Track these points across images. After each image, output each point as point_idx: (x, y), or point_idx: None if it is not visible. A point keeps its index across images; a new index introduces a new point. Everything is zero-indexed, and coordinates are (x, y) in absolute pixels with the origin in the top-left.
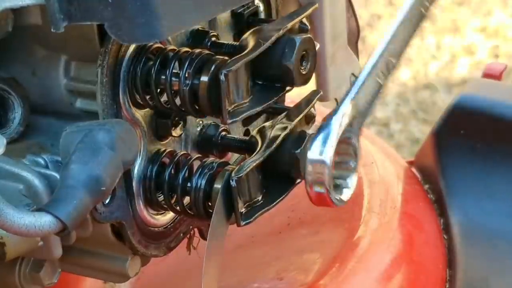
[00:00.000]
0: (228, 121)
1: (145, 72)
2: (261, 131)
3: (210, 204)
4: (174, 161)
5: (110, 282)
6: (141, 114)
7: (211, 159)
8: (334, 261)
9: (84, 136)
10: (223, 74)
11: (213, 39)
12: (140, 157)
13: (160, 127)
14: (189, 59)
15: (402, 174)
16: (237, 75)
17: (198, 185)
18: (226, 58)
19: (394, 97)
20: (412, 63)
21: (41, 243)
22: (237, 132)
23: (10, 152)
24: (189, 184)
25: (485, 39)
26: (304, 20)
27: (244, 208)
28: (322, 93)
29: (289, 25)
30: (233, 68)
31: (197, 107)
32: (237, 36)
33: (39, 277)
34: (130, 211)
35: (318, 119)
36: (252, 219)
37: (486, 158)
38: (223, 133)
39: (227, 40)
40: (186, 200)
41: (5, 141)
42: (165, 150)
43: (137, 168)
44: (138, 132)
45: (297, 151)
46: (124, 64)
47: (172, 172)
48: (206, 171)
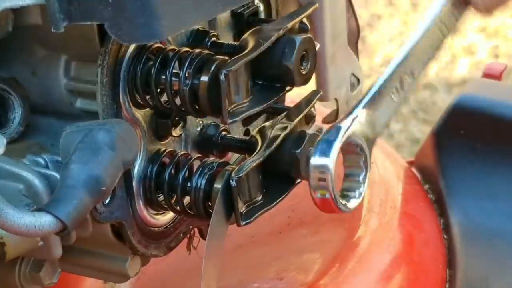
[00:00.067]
0: (228, 121)
1: (145, 72)
2: (261, 131)
3: (210, 204)
4: (174, 161)
5: (110, 282)
6: (141, 114)
7: (211, 159)
8: (334, 261)
9: (84, 136)
10: (223, 74)
11: (213, 39)
12: (140, 157)
13: (160, 127)
14: (189, 59)
15: (402, 174)
16: (237, 75)
17: (198, 185)
18: (226, 58)
19: None
20: None
21: (41, 243)
22: (237, 132)
23: (10, 152)
24: (189, 184)
25: (485, 39)
26: (304, 20)
27: (244, 208)
28: (322, 93)
29: (289, 25)
30: (233, 68)
31: (197, 107)
32: (237, 36)
33: (39, 277)
34: (130, 211)
35: (318, 119)
36: (252, 219)
37: (486, 158)
38: (223, 133)
39: (227, 40)
40: (186, 200)
41: (5, 141)
42: (165, 150)
43: (137, 168)
44: (138, 132)
45: (297, 151)
46: (124, 64)
47: (172, 172)
48: (206, 171)
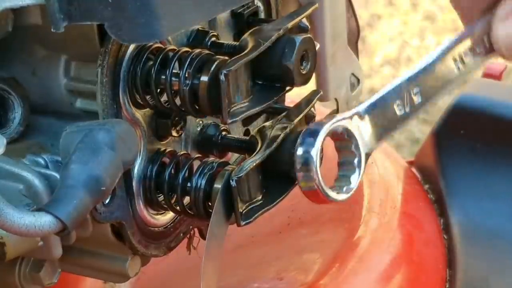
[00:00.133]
0: (228, 121)
1: (145, 72)
2: (261, 131)
3: (210, 204)
4: (174, 161)
5: (110, 282)
6: (141, 114)
7: (211, 159)
8: (334, 261)
9: (84, 136)
10: (223, 74)
11: (213, 39)
12: (140, 157)
13: (160, 127)
14: (189, 59)
15: (402, 174)
16: (237, 75)
17: (198, 185)
18: (226, 58)
19: None
20: (412, 63)
21: (41, 243)
22: (237, 132)
23: (10, 152)
24: (189, 184)
25: None
26: (304, 20)
27: (244, 208)
28: (322, 93)
29: (289, 25)
30: (233, 68)
31: (197, 107)
32: (237, 36)
33: (39, 277)
34: (130, 211)
35: (318, 119)
36: (252, 219)
37: (486, 158)
38: (223, 133)
39: (227, 40)
40: (186, 200)
41: (5, 141)
42: (165, 150)
43: (137, 168)
44: (138, 132)
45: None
46: (124, 64)
47: (172, 172)
48: (206, 171)
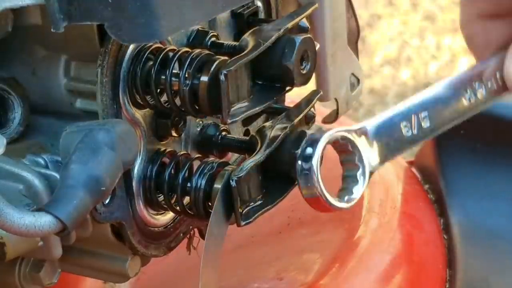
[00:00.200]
0: (228, 121)
1: (145, 72)
2: (261, 131)
3: (210, 204)
4: (174, 161)
5: (110, 282)
6: (141, 114)
7: (211, 159)
8: (334, 261)
9: (84, 136)
10: (223, 74)
11: (213, 39)
12: (140, 157)
13: (160, 127)
14: (189, 59)
15: (402, 174)
16: (237, 75)
17: (198, 185)
18: (226, 58)
19: (394, 97)
20: (412, 63)
21: (41, 243)
22: (237, 132)
23: (10, 152)
24: (189, 184)
25: None
26: (304, 20)
27: (244, 208)
28: (322, 93)
29: (289, 25)
30: (233, 68)
31: (197, 107)
32: (237, 36)
33: (39, 277)
34: (130, 211)
35: (318, 119)
36: (252, 219)
37: (486, 158)
38: (223, 133)
39: (227, 40)
40: (186, 200)
41: (5, 141)
42: (165, 150)
43: (137, 168)
44: (138, 132)
45: (297, 151)
46: (124, 64)
47: (172, 172)
48: (206, 171)
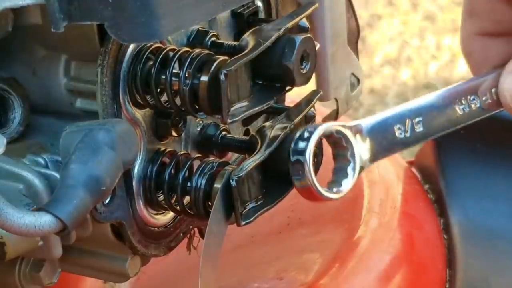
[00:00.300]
0: (228, 121)
1: (145, 72)
2: (261, 131)
3: (210, 204)
4: (174, 161)
5: (110, 282)
6: (141, 114)
7: (211, 159)
8: (334, 261)
9: (84, 136)
10: (223, 74)
11: (213, 39)
12: (140, 157)
13: (160, 127)
14: (189, 59)
15: (402, 174)
16: (237, 75)
17: (198, 185)
18: (226, 58)
19: (394, 97)
20: (412, 63)
21: (41, 243)
22: (237, 132)
23: (10, 152)
24: (189, 184)
25: None
26: (304, 20)
27: (244, 208)
28: (322, 93)
29: (289, 25)
30: (233, 68)
31: (197, 107)
32: (237, 36)
33: (39, 277)
34: (130, 211)
35: (318, 119)
36: (252, 219)
37: (486, 158)
38: (223, 133)
39: (227, 40)
40: (186, 200)
41: (5, 141)
42: (165, 150)
43: (137, 168)
44: (138, 132)
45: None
46: (124, 64)
47: (172, 172)
48: (206, 171)
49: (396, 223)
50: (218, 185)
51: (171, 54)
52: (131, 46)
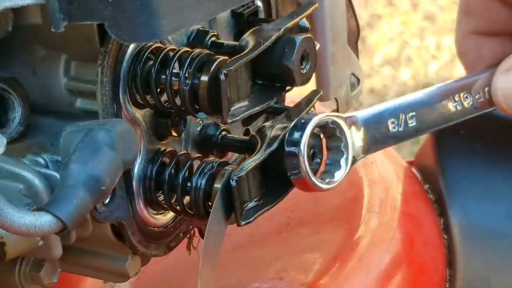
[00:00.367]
0: (228, 121)
1: (145, 72)
2: (261, 131)
3: (210, 204)
4: (174, 161)
5: (110, 282)
6: (141, 114)
7: (211, 159)
8: (334, 261)
9: (84, 136)
10: (223, 74)
11: (213, 39)
12: (140, 157)
13: (160, 127)
14: (189, 59)
15: (402, 174)
16: (237, 75)
17: (198, 185)
18: (226, 58)
19: (394, 97)
20: (412, 63)
21: (41, 243)
22: (237, 132)
23: (10, 152)
24: (189, 184)
25: None
26: (304, 20)
27: (244, 208)
28: (322, 93)
29: (289, 25)
30: (233, 68)
31: (197, 107)
32: (237, 36)
33: (39, 277)
34: (130, 211)
35: None
36: (252, 219)
37: (486, 158)
38: (223, 133)
39: (227, 40)
40: (186, 200)
41: (5, 141)
42: (165, 150)
43: (137, 168)
44: (138, 132)
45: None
46: (124, 64)
47: (172, 172)
48: (206, 171)
49: (396, 223)
50: (218, 185)
51: (171, 54)
52: (131, 46)
